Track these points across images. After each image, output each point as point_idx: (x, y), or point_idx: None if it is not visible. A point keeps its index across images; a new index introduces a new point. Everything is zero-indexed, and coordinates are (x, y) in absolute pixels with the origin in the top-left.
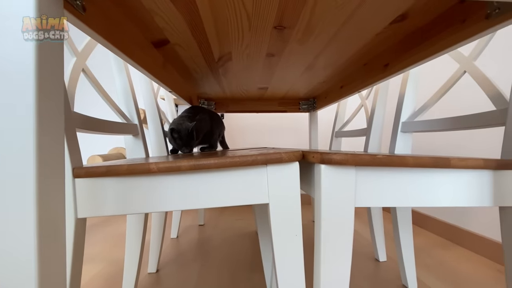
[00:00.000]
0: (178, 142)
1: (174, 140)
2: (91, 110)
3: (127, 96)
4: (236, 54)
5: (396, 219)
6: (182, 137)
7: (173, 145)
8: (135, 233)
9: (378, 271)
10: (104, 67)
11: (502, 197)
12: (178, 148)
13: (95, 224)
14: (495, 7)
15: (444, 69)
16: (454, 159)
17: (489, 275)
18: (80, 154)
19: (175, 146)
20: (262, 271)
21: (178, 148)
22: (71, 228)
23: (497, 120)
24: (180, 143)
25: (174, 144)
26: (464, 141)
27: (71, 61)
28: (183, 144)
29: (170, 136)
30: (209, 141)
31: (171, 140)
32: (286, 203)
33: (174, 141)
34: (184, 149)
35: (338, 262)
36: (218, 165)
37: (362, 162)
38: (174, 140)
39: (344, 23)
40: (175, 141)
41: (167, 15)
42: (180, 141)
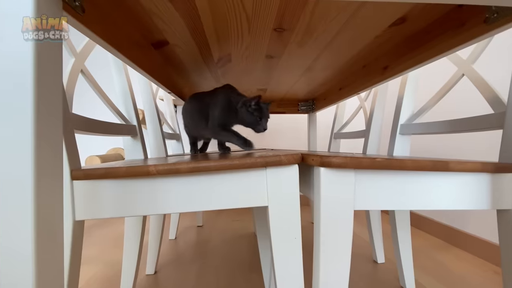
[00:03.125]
0: (256, 114)
1: (252, 112)
2: (89, 111)
3: (125, 97)
4: (235, 55)
5: (394, 221)
6: (262, 108)
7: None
8: (133, 234)
9: (376, 272)
10: (103, 68)
11: (500, 200)
12: (255, 123)
13: (93, 225)
14: (493, 11)
15: (443, 72)
16: (452, 162)
17: (486, 277)
18: (79, 156)
19: (253, 120)
20: (260, 272)
21: (255, 123)
22: (69, 231)
23: (495, 123)
24: (259, 116)
25: (249, 118)
26: (463, 143)
27: (70, 62)
28: (264, 115)
29: (246, 109)
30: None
31: (249, 115)
32: (285, 206)
33: (251, 114)
34: (263, 124)
35: (337, 265)
36: (218, 168)
37: (361, 165)
38: (252, 112)
39: (343, 26)
40: (252, 114)
41: (166, 16)
42: (259, 113)
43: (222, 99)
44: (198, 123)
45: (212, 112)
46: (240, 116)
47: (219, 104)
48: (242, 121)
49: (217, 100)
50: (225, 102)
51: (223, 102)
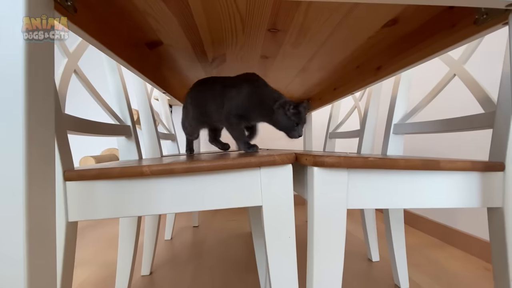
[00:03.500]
0: (293, 119)
1: (290, 116)
2: (84, 111)
3: (120, 97)
4: (230, 55)
5: (388, 219)
6: (301, 112)
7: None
8: (128, 235)
9: (371, 271)
10: (97, 68)
11: (490, 198)
12: (290, 128)
13: (87, 226)
14: (483, 13)
15: (435, 72)
16: (443, 161)
17: (477, 273)
18: (72, 157)
19: (289, 124)
20: (256, 272)
21: (290, 127)
22: (62, 232)
23: (485, 122)
24: (296, 121)
25: (285, 122)
26: (456, 142)
27: (63, 62)
28: (302, 121)
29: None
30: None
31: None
32: (279, 206)
33: (288, 118)
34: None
35: (331, 262)
36: (212, 168)
37: (354, 165)
38: (290, 116)
39: (336, 27)
40: (289, 118)
41: (160, 16)
42: (297, 117)
43: (248, 89)
44: (210, 104)
45: (232, 98)
46: (274, 117)
47: (244, 93)
48: (274, 122)
49: (242, 88)
50: (250, 93)
51: (248, 92)
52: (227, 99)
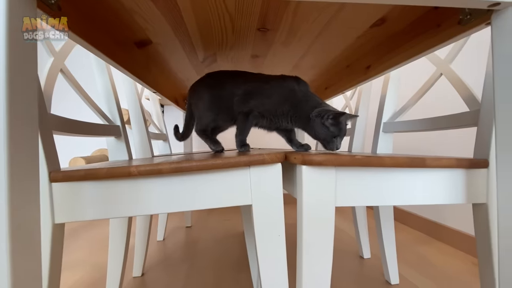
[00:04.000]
0: (332, 130)
1: (328, 127)
2: (75, 112)
3: (109, 97)
4: (220, 55)
5: (378, 216)
6: (341, 123)
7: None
8: (118, 236)
9: (362, 268)
10: (86, 67)
11: (475, 194)
12: (328, 140)
13: (80, 227)
14: (467, 13)
15: (424, 71)
16: (429, 159)
17: (465, 268)
18: (58, 158)
19: (326, 136)
20: (249, 271)
21: (328, 139)
22: (48, 234)
23: (470, 121)
24: (335, 133)
25: (322, 132)
26: (444, 139)
27: (49, 61)
28: (341, 133)
29: (322, 121)
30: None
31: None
32: (269, 204)
33: (327, 128)
34: (336, 143)
35: (320, 259)
36: (200, 168)
37: (341, 163)
38: (328, 127)
39: (326, 26)
40: (327, 129)
41: (148, 14)
42: (337, 129)
43: (288, 88)
44: (233, 92)
45: (264, 94)
46: (311, 125)
47: (281, 92)
48: (310, 130)
49: (281, 87)
50: (289, 93)
51: (286, 94)
52: (258, 94)
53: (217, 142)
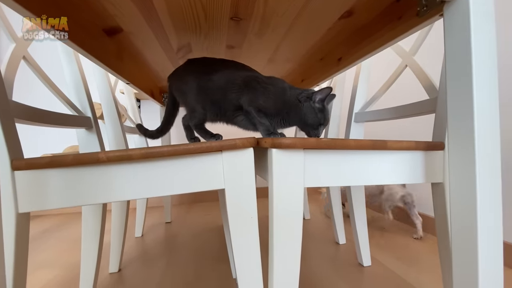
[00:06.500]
0: (319, 116)
1: (316, 112)
2: (46, 105)
3: (78, 87)
4: (195, 45)
5: (351, 201)
6: (325, 110)
7: (313, 117)
8: (91, 231)
9: (337, 252)
10: (54, 56)
11: (433, 174)
12: (313, 126)
13: (51, 228)
14: (424, 5)
15: (392, 63)
16: (390, 142)
17: (433, 250)
18: (20, 146)
19: (313, 121)
20: (228, 262)
21: (314, 124)
22: (12, 224)
23: (430, 107)
24: (321, 119)
25: (311, 117)
26: (414, 127)
27: (10, 47)
28: (326, 121)
29: (311, 103)
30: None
31: (311, 112)
32: (242, 187)
33: (315, 113)
34: (320, 130)
35: (289, 235)
36: (172, 153)
37: (308, 146)
38: (316, 112)
39: (297, 17)
40: (315, 114)
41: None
42: (322, 115)
43: (279, 88)
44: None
45: (259, 91)
46: (299, 112)
47: (275, 91)
48: (298, 118)
49: (274, 86)
50: (280, 93)
51: (279, 92)
52: (251, 90)
53: (214, 134)
